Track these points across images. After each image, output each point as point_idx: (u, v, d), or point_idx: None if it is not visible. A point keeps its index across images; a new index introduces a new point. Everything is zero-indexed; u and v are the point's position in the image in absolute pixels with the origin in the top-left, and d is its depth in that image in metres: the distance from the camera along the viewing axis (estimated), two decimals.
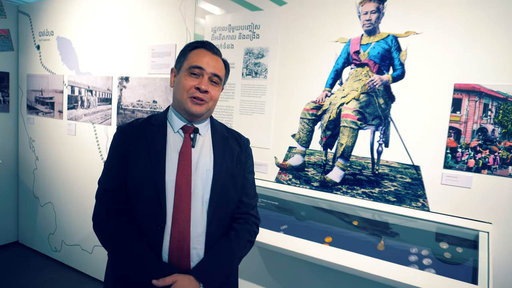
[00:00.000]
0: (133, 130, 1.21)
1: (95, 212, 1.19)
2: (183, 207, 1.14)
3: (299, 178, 2.03)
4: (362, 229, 1.68)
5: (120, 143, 1.19)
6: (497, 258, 1.53)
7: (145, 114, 2.66)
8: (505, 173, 1.51)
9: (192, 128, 1.22)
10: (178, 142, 1.20)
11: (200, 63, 1.17)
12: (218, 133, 1.29)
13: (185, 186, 1.14)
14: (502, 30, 1.50)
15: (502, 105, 1.51)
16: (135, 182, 1.15)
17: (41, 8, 3.31)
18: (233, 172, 1.25)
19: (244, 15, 2.17)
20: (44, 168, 3.42)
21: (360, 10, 1.79)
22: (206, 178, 1.19)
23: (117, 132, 1.23)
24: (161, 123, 1.22)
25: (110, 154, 1.22)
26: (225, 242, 1.20)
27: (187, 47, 1.22)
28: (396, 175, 1.75)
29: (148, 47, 2.60)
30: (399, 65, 1.70)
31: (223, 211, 1.22)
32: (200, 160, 1.20)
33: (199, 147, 1.23)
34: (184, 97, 1.17)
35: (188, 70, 1.17)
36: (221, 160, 1.23)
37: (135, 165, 1.15)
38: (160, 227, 1.11)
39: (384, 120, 1.76)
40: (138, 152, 1.16)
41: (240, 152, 1.31)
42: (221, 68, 1.22)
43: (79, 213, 3.15)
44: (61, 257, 3.35)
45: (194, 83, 1.16)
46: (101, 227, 1.17)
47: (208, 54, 1.20)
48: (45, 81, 3.31)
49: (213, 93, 1.20)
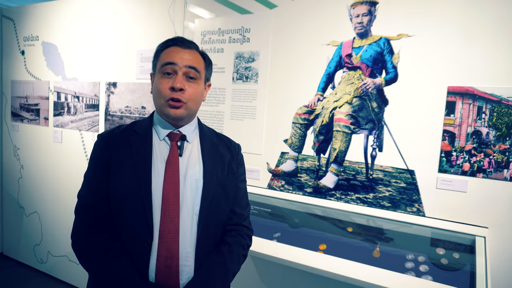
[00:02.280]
0: (115, 138, 1.12)
1: (74, 228, 1.09)
2: (171, 221, 1.05)
3: (292, 184, 1.99)
4: (357, 235, 1.65)
5: (101, 152, 1.11)
6: (494, 263, 1.51)
7: (134, 120, 2.60)
8: (500, 176, 1.49)
9: (179, 135, 1.13)
10: (164, 151, 1.12)
11: (171, 58, 1.07)
12: (207, 139, 1.20)
13: (173, 198, 1.06)
14: (496, 32, 1.49)
15: (496, 108, 1.49)
16: (118, 194, 1.06)
17: (25, 12, 3.24)
18: (224, 181, 1.17)
19: (234, 18, 2.14)
20: (30, 177, 3.33)
21: (351, 12, 1.77)
22: (195, 188, 1.10)
23: (97, 140, 1.14)
24: (145, 130, 1.14)
25: (91, 165, 1.13)
26: (217, 258, 1.12)
27: (159, 48, 1.13)
28: (391, 179, 1.72)
29: (136, 51, 2.55)
30: (392, 68, 1.68)
31: (214, 224, 1.14)
32: (188, 170, 1.11)
33: (187, 155, 1.14)
34: (162, 101, 1.08)
35: (161, 70, 1.08)
36: (211, 169, 1.15)
37: (118, 176, 1.06)
38: (147, 243, 1.03)
39: (378, 124, 1.73)
40: (121, 162, 1.08)
41: (231, 159, 1.23)
42: (196, 59, 1.11)
43: (66, 223, 3.06)
44: (47, 268, 3.26)
45: (168, 84, 1.06)
46: (81, 245, 1.07)
47: (180, 49, 1.09)
48: (30, 87, 3.23)
49: (191, 91, 1.08)
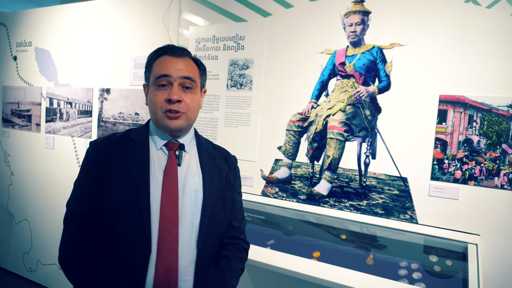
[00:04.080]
0: (109, 146, 1.07)
1: (62, 241, 1.03)
2: (170, 233, 1.01)
3: (285, 191, 1.99)
4: (351, 242, 1.65)
5: (94, 160, 1.06)
6: (486, 270, 1.52)
7: (127, 127, 2.58)
8: (491, 184, 1.51)
9: (177, 145, 1.11)
10: (162, 160, 1.08)
11: (164, 70, 1.04)
12: (205, 150, 1.18)
13: (172, 210, 1.02)
14: (486, 42, 1.52)
15: (486, 116, 1.51)
16: (113, 205, 1.01)
17: (18, 18, 3.22)
18: (223, 193, 1.15)
19: (228, 26, 2.15)
20: (20, 184, 3.27)
21: (345, 21, 1.79)
22: (195, 200, 1.07)
23: (90, 147, 1.09)
24: (142, 139, 1.10)
25: (82, 172, 1.07)
26: (216, 273, 1.09)
27: (150, 59, 1.11)
28: (384, 187, 1.73)
29: (130, 58, 2.54)
30: (385, 76, 1.70)
31: (213, 237, 1.12)
32: (187, 180, 1.08)
33: (186, 165, 1.11)
34: (159, 114, 1.05)
35: (155, 83, 1.06)
36: (210, 179, 1.12)
37: (114, 186, 1.02)
38: (144, 257, 0.98)
39: (371, 131, 1.75)
40: (116, 169, 1.03)
41: (228, 172, 1.21)
42: (191, 68, 1.09)
43: (56, 231, 3.00)
44: (36, 277, 3.19)
45: (164, 96, 1.04)
46: (69, 259, 1.01)
47: (173, 58, 1.06)
48: (22, 93, 3.20)
49: (188, 100, 1.06)
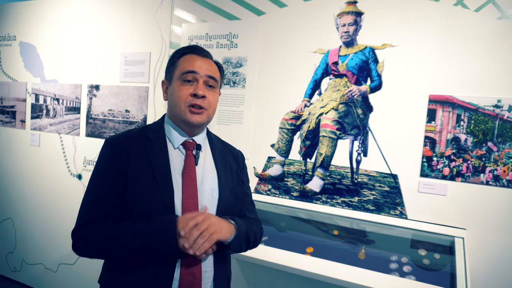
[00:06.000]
0: (128, 146, 1.06)
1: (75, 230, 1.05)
2: None
3: (278, 188, 2.02)
4: (343, 238, 1.69)
5: (114, 160, 1.04)
6: (472, 261, 1.58)
7: (117, 124, 2.55)
8: (477, 180, 1.58)
9: (194, 144, 1.13)
10: (179, 160, 1.10)
11: (192, 67, 1.08)
12: (216, 147, 1.20)
13: (193, 209, 1.05)
14: (474, 45, 1.58)
15: (473, 116, 1.58)
16: (137, 209, 1.01)
17: (2, 11, 3.12)
18: (235, 190, 1.18)
19: (221, 24, 2.16)
20: (3, 182, 3.18)
21: (338, 22, 1.83)
22: (211, 198, 1.10)
23: (107, 147, 1.06)
24: (159, 138, 1.11)
25: (100, 175, 1.06)
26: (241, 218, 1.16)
27: (175, 55, 1.14)
28: (375, 183, 1.78)
29: (120, 54, 2.51)
30: (377, 76, 1.75)
31: None
32: (204, 179, 1.10)
33: (201, 164, 1.13)
34: (182, 107, 1.06)
35: (181, 78, 1.08)
36: (225, 177, 1.15)
37: (139, 191, 1.02)
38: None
39: (363, 130, 1.79)
40: (139, 174, 1.03)
41: (238, 169, 1.23)
42: (215, 70, 1.13)
43: (42, 229, 2.93)
44: (21, 277, 3.11)
45: (189, 90, 1.06)
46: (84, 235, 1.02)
47: (199, 58, 1.11)
48: (6, 89, 3.11)
49: (211, 98, 1.10)
